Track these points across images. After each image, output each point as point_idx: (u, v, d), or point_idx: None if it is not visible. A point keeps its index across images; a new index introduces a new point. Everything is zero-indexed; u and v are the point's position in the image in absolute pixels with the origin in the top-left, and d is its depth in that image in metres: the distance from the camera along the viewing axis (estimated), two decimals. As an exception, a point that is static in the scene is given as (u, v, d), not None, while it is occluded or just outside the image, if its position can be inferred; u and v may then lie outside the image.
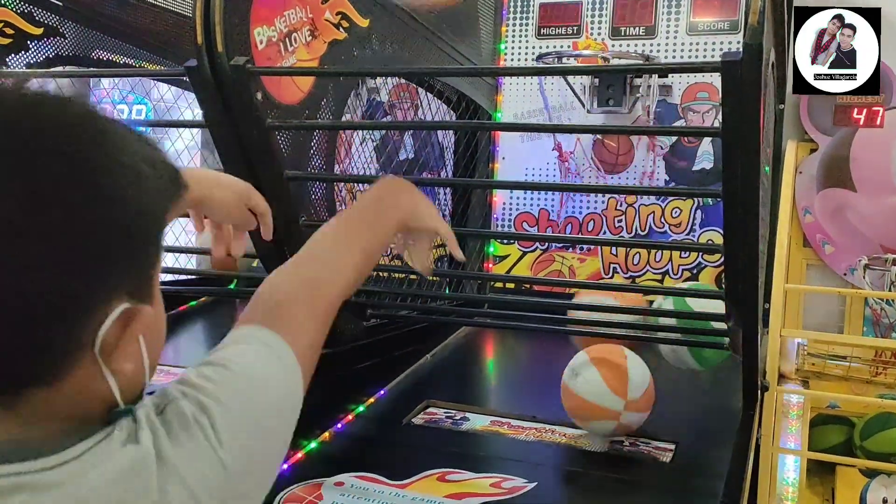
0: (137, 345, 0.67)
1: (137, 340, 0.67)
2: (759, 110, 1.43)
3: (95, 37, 2.57)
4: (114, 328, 0.65)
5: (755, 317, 1.88)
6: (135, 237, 0.66)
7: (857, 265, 3.00)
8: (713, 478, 1.81)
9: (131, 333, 0.66)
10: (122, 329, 0.65)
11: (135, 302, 0.66)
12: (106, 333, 0.64)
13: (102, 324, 0.64)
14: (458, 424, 2.19)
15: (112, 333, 0.65)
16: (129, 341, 0.66)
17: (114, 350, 0.65)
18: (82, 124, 0.65)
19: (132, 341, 0.67)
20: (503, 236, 3.49)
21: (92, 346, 0.64)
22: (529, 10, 3.36)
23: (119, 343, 0.65)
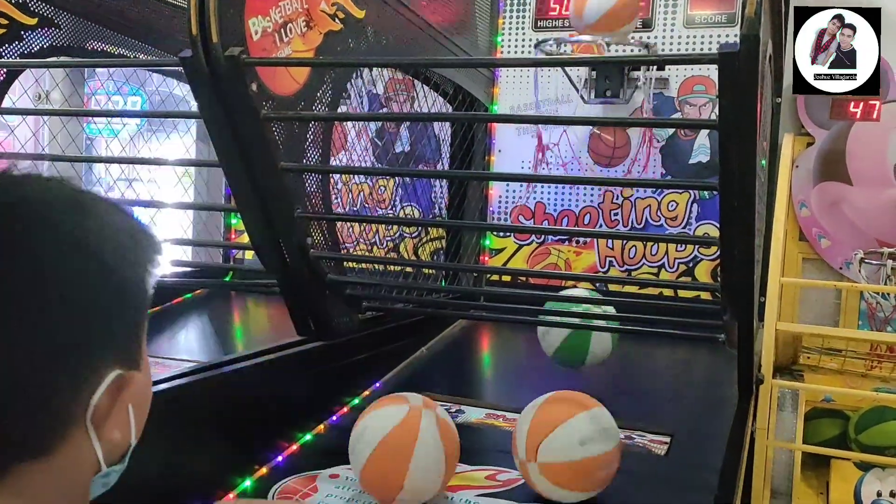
0: (127, 412, 0.68)
1: (127, 408, 0.68)
2: (757, 103, 1.42)
3: (90, 27, 2.56)
4: (105, 397, 0.65)
5: (751, 310, 1.88)
6: (121, 306, 0.67)
7: (853, 259, 3.00)
8: (708, 470, 1.81)
9: (122, 401, 0.67)
10: (113, 397, 0.66)
11: (125, 368, 0.67)
12: (98, 402, 0.64)
13: (94, 393, 0.64)
14: (454, 417, 2.19)
15: (104, 402, 0.65)
16: (119, 409, 0.67)
17: (105, 419, 0.66)
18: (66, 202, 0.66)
19: (122, 409, 0.67)
20: (499, 228, 3.48)
21: (84, 416, 0.64)
22: (526, 2, 3.35)
23: (111, 412, 0.66)
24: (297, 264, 2.03)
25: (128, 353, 0.68)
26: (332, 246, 2.20)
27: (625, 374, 2.75)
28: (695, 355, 2.73)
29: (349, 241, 2.59)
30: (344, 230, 2.48)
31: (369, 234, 2.85)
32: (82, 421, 0.64)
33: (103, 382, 0.65)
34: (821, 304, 3.17)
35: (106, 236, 0.67)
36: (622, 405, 2.32)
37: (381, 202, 3.33)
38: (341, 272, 2.23)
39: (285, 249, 2.01)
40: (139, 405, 0.70)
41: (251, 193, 1.89)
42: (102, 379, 0.65)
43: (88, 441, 0.65)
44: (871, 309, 3.02)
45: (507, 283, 3.35)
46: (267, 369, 2.17)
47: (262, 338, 2.94)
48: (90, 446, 0.65)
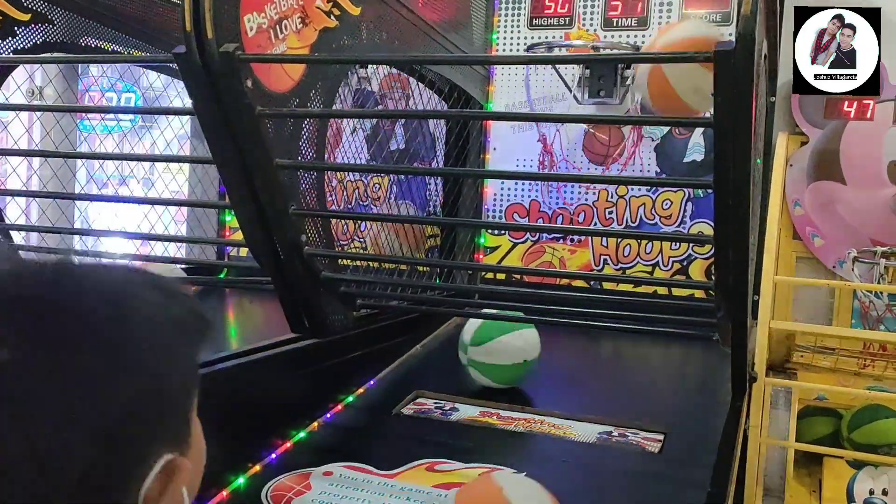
0: (181, 494, 0.69)
1: (181, 490, 0.68)
2: (752, 101, 1.43)
3: (84, 23, 2.55)
4: (156, 482, 0.66)
5: (744, 308, 1.88)
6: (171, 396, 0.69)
7: (847, 258, 3.01)
8: (701, 468, 1.82)
9: (175, 486, 0.67)
10: (164, 483, 0.67)
11: (175, 452, 0.68)
12: (148, 489, 0.65)
13: (144, 481, 0.65)
14: (448, 415, 2.19)
15: (155, 488, 0.66)
16: (172, 492, 0.67)
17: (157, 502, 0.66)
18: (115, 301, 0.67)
19: (175, 492, 0.68)
20: (494, 226, 3.48)
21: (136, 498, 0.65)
22: (521, 1, 3.34)
23: (161, 497, 0.67)
24: (292, 261, 2.03)
25: (176, 437, 0.70)
26: (327, 243, 2.20)
27: (619, 372, 2.76)
28: (688, 353, 2.74)
29: (344, 239, 2.59)
30: (339, 227, 2.47)
31: (364, 232, 2.85)
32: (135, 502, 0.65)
33: (154, 469, 0.66)
34: (814, 303, 3.18)
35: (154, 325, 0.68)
36: (616, 403, 2.34)
37: (375, 199, 3.33)
38: (336, 269, 2.22)
39: (279, 246, 2.01)
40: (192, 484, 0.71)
41: (245, 190, 1.89)
42: (152, 467, 0.66)
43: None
44: (865, 308, 3.02)
45: (502, 280, 3.35)
46: (261, 366, 2.17)
47: (256, 335, 2.93)
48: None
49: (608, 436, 2.05)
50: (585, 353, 2.87)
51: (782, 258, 3.08)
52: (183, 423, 0.71)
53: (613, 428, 2.09)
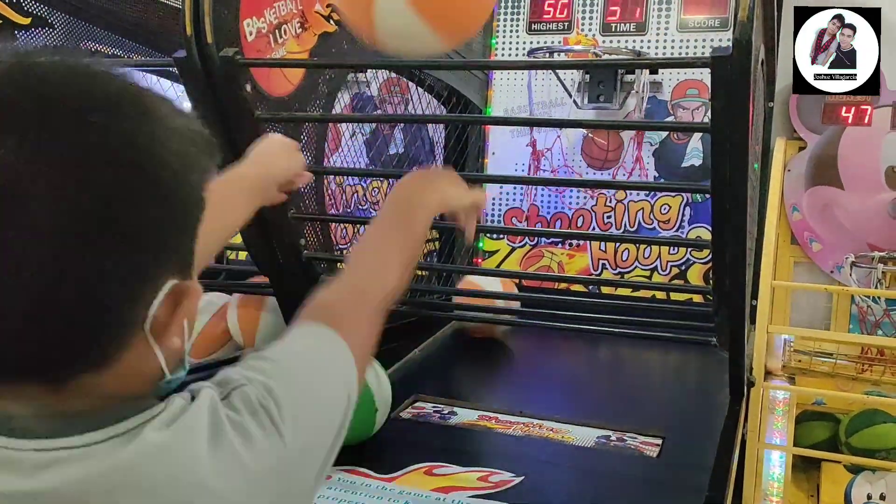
0: (184, 320, 0.67)
1: (184, 315, 0.67)
2: (749, 106, 1.43)
3: (84, 27, 2.55)
4: (164, 306, 0.65)
5: (742, 313, 1.89)
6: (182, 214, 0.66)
7: (844, 263, 3.02)
8: (699, 472, 1.82)
9: (182, 310, 0.66)
10: (172, 306, 0.65)
11: (181, 277, 0.66)
12: (157, 311, 0.64)
13: (152, 302, 0.64)
14: (446, 419, 2.19)
15: (163, 311, 0.65)
16: (178, 320, 0.66)
17: (165, 328, 0.65)
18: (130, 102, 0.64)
19: (180, 316, 0.66)
20: (492, 231, 3.49)
21: (142, 325, 0.64)
22: (520, 5, 3.36)
23: (171, 320, 0.65)
24: (291, 265, 2.03)
25: (184, 262, 0.67)
26: (326, 247, 2.20)
27: (617, 376, 2.76)
28: (687, 358, 2.74)
29: (343, 243, 2.59)
30: (338, 231, 2.48)
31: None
32: (142, 330, 0.64)
33: (161, 292, 0.64)
34: (812, 308, 3.19)
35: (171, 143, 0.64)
36: (614, 407, 2.34)
37: (374, 204, 3.33)
38: (334, 273, 2.23)
39: (278, 250, 2.01)
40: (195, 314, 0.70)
41: (245, 194, 1.89)
42: (160, 288, 0.64)
43: (150, 349, 0.65)
44: (862, 312, 3.03)
45: (501, 285, 3.36)
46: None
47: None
48: (152, 354, 0.65)
49: (606, 440, 2.06)
50: (583, 357, 2.87)
51: (780, 263, 3.09)
52: (189, 251, 0.68)
53: (612, 432, 2.09)
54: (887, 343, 2.84)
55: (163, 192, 0.63)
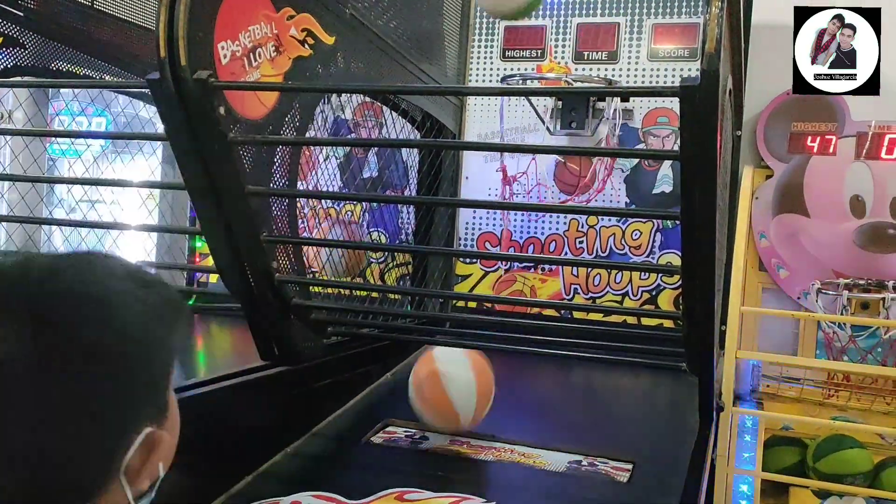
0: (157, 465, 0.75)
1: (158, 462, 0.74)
2: (717, 135, 1.46)
3: (56, 48, 2.54)
4: (138, 453, 0.72)
5: (712, 338, 1.91)
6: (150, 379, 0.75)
7: (811, 289, 3.07)
8: (669, 497, 1.83)
9: (153, 460, 0.73)
10: (146, 454, 0.73)
11: (154, 425, 0.74)
12: (131, 459, 0.71)
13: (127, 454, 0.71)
14: (418, 443, 2.18)
15: (137, 459, 0.72)
16: (151, 466, 0.73)
17: (138, 473, 0.72)
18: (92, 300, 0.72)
19: (154, 463, 0.74)
20: (465, 255, 3.50)
21: (118, 474, 0.71)
22: (495, 33, 3.40)
23: (143, 467, 0.73)
24: (262, 288, 2.02)
25: (157, 412, 0.76)
26: (298, 270, 2.19)
27: (588, 401, 2.77)
28: (657, 382, 2.76)
29: (315, 266, 2.58)
30: (310, 254, 2.47)
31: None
32: (117, 476, 0.71)
33: (135, 444, 0.72)
34: (780, 333, 3.23)
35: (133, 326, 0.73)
36: (585, 432, 2.35)
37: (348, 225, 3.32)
38: (307, 296, 2.22)
39: (250, 273, 2.00)
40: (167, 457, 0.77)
41: (217, 217, 1.88)
42: (134, 441, 0.72)
43: (122, 490, 0.72)
44: (829, 338, 3.08)
45: (473, 309, 3.36)
46: (229, 394, 2.14)
47: (225, 362, 2.91)
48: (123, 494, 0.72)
49: (577, 465, 2.06)
50: (555, 381, 2.88)
51: (748, 289, 3.13)
52: (161, 400, 0.76)
53: (583, 457, 2.09)
54: (853, 369, 2.88)
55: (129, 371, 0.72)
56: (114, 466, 0.70)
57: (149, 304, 0.77)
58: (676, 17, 3.19)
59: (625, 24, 3.24)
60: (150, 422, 0.74)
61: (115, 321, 0.72)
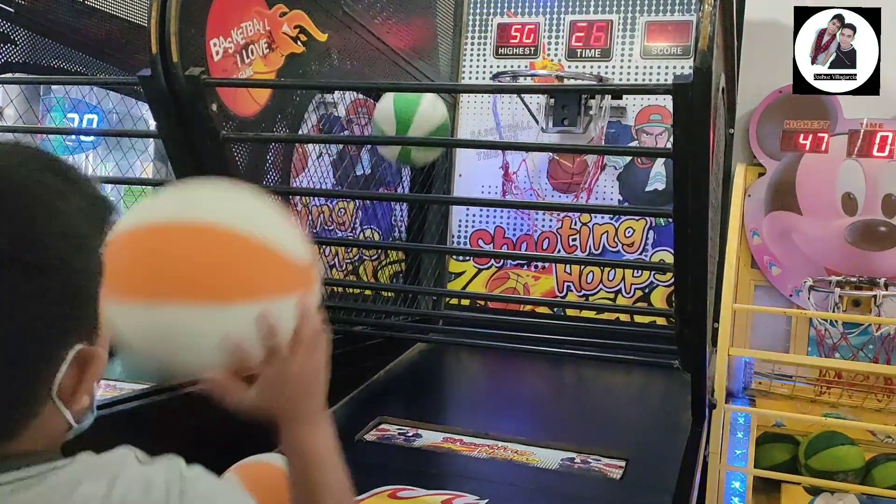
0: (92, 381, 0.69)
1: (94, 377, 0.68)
2: (710, 132, 1.46)
3: (47, 44, 2.52)
4: (71, 372, 0.66)
5: (704, 335, 1.92)
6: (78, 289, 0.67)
7: (803, 287, 3.08)
8: (662, 494, 1.83)
9: (89, 374, 0.67)
10: (79, 371, 0.66)
11: (87, 343, 0.67)
12: (63, 379, 0.65)
13: (57, 372, 0.65)
14: (411, 441, 2.18)
15: (70, 377, 0.66)
16: (87, 381, 0.68)
17: (74, 392, 0.67)
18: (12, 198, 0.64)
19: (90, 380, 0.68)
20: (458, 252, 3.50)
21: (49, 394, 0.65)
22: (488, 30, 3.39)
23: (77, 387, 0.67)
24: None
25: (89, 328, 0.68)
26: (291, 268, 2.18)
27: (581, 398, 2.77)
28: (650, 380, 2.76)
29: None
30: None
31: (328, 257, 2.84)
32: (48, 398, 0.65)
33: (65, 361, 0.65)
34: (772, 331, 3.24)
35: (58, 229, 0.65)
36: (578, 429, 2.35)
37: (340, 224, 3.32)
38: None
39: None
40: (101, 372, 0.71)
41: (209, 214, 1.87)
42: (64, 358, 0.65)
43: (58, 411, 0.66)
44: (820, 335, 3.09)
45: (466, 306, 3.36)
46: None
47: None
48: (60, 415, 0.67)
49: (570, 462, 2.06)
50: (548, 379, 2.88)
51: (741, 286, 3.14)
52: (92, 313, 0.69)
53: (576, 454, 2.09)
54: (845, 366, 2.89)
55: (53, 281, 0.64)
56: (43, 387, 0.64)
57: (76, 202, 0.67)
58: (669, 14, 3.20)
59: (618, 21, 3.25)
60: (80, 337, 0.66)
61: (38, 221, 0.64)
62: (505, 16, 3.39)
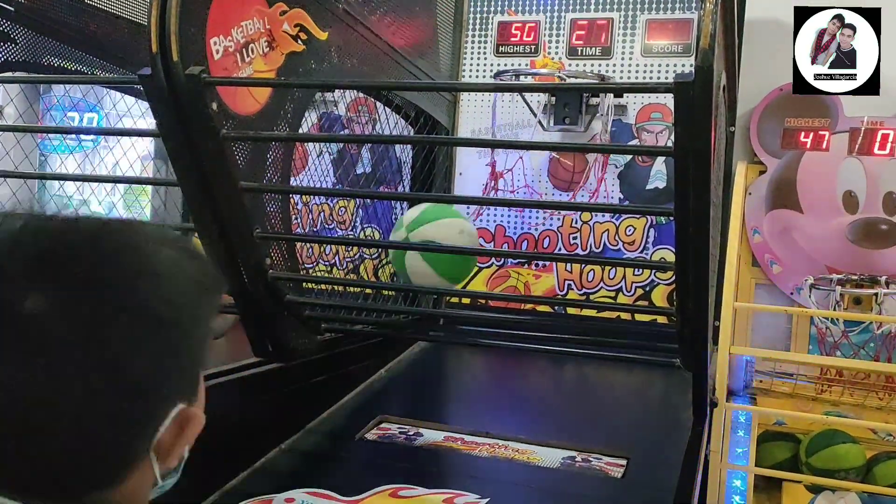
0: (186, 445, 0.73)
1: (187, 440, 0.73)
2: (711, 130, 1.46)
3: (48, 43, 2.52)
4: (170, 430, 0.70)
5: (705, 333, 1.91)
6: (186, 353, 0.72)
7: (804, 285, 3.07)
8: (663, 493, 1.83)
9: (185, 435, 0.72)
10: (178, 431, 0.71)
11: (186, 402, 0.72)
12: (162, 436, 0.70)
13: (159, 429, 0.69)
14: (412, 440, 2.18)
15: (168, 436, 0.70)
16: (182, 441, 0.72)
17: (169, 451, 0.71)
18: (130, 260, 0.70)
19: (185, 442, 0.72)
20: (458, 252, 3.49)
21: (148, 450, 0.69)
22: (488, 28, 3.39)
23: (174, 444, 0.71)
24: (256, 284, 2.01)
25: (190, 389, 0.73)
26: (292, 267, 2.19)
27: (582, 397, 2.77)
28: (651, 378, 2.76)
29: (309, 262, 2.57)
30: (304, 251, 2.46)
31: (329, 256, 2.84)
32: (146, 452, 0.70)
33: (168, 418, 0.70)
34: (773, 329, 3.23)
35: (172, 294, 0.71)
36: (579, 428, 2.35)
37: (341, 223, 3.32)
38: (300, 293, 2.21)
39: (243, 269, 1.99)
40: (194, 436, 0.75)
41: (209, 213, 1.87)
42: (167, 416, 0.70)
43: (151, 467, 0.71)
44: (821, 334, 3.08)
45: (467, 305, 3.36)
46: (222, 391, 2.14)
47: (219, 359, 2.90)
48: (152, 470, 0.71)
49: (571, 461, 2.06)
50: (549, 377, 2.88)
51: (742, 285, 3.13)
52: (195, 377, 0.75)
53: (577, 453, 2.09)
54: (846, 364, 2.89)
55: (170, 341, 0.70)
56: (145, 441, 0.69)
57: (194, 275, 0.74)
58: (670, 12, 3.19)
59: (618, 19, 3.24)
60: (183, 397, 0.71)
61: (162, 288, 0.70)
62: (505, 14, 3.39)
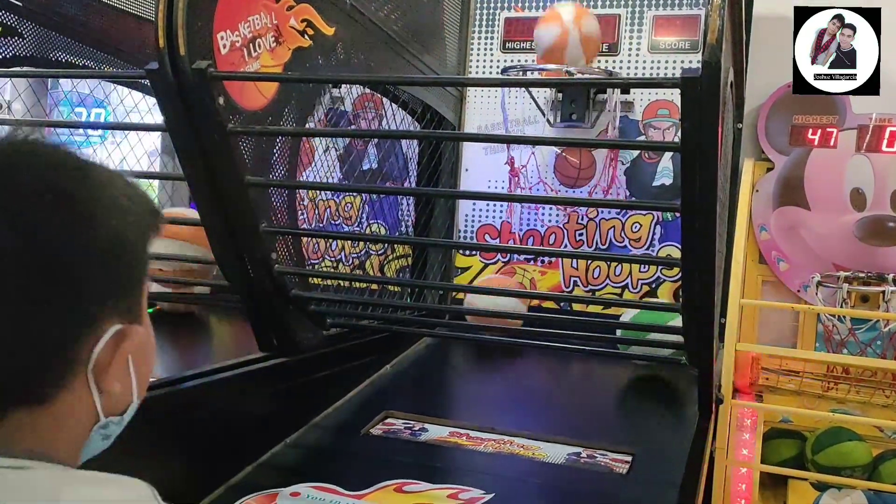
0: (127, 364, 0.72)
1: (127, 360, 0.71)
2: (718, 126, 1.46)
3: (55, 38, 2.53)
4: (106, 348, 0.69)
5: (711, 331, 1.91)
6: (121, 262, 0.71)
7: (811, 282, 3.06)
8: (669, 489, 1.83)
9: (122, 353, 0.70)
10: (113, 349, 0.70)
11: (126, 323, 0.71)
12: (99, 354, 0.68)
13: (96, 344, 0.68)
14: (417, 435, 2.18)
15: (104, 354, 0.69)
16: (119, 361, 0.70)
17: (105, 370, 0.69)
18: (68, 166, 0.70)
19: (122, 361, 0.71)
20: (465, 247, 3.50)
21: (85, 366, 0.68)
22: (495, 24, 3.39)
23: (111, 363, 0.69)
24: (261, 279, 2.02)
25: (129, 309, 0.72)
26: (297, 261, 2.19)
27: (587, 392, 2.77)
28: (656, 375, 2.76)
29: (314, 258, 2.58)
30: (309, 246, 2.47)
31: (335, 251, 2.84)
32: (83, 371, 0.68)
33: (105, 335, 0.69)
34: (779, 326, 3.22)
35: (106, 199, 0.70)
36: (585, 423, 2.35)
37: (347, 219, 3.33)
38: (306, 288, 2.22)
39: (249, 264, 2.00)
40: (140, 359, 0.74)
41: (216, 207, 1.88)
42: (104, 332, 0.69)
43: (88, 391, 0.69)
44: (828, 331, 3.07)
45: (473, 301, 3.35)
46: (228, 385, 2.14)
47: (224, 353, 2.91)
48: (90, 396, 0.69)
49: (577, 457, 2.06)
50: (554, 373, 2.88)
51: (748, 282, 3.12)
52: (135, 299, 0.73)
53: (582, 449, 2.09)
54: (852, 362, 2.87)
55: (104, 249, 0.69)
56: (78, 350, 0.67)
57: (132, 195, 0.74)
58: (677, 8, 3.18)
59: (625, 15, 3.23)
60: (122, 319, 0.70)
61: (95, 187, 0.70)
62: (512, 10, 3.38)
